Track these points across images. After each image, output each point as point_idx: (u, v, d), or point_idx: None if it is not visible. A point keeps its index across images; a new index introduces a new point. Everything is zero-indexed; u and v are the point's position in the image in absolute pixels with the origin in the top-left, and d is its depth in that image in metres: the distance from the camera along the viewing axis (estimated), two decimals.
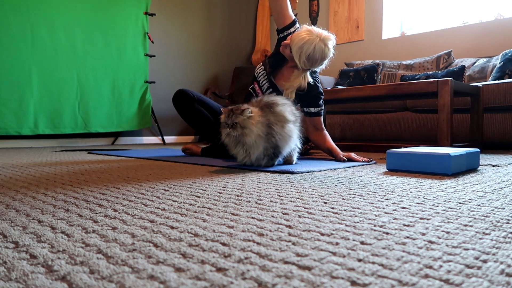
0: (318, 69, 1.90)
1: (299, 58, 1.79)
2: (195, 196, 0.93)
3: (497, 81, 2.69)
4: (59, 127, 3.64)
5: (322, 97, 1.97)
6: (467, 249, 0.51)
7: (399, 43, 4.20)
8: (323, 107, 1.98)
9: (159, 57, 4.52)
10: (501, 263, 0.46)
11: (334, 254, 0.49)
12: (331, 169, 1.50)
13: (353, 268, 0.44)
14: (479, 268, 0.44)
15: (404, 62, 3.77)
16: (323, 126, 2.02)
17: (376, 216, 0.70)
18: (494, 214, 0.72)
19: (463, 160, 1.37)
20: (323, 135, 1.99)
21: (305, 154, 2.26)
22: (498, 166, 1.60)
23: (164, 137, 4.60)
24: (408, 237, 0.57)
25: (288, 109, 1.52)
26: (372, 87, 2.45)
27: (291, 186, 1.08)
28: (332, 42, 1.80)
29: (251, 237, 0.57)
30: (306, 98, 1.92)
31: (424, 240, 0.55)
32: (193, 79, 4.94)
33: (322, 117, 2.01)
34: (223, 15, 5.30)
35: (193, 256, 0.49)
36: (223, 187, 1.07)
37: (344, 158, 1.84)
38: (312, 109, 1.95)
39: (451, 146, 2.13)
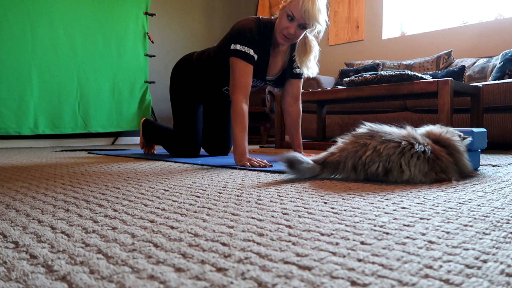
0: (324, 25, 1.70)
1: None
2: (195, 196, 0.93)
3: (497, 81, 2.69)
4: (59, 127, 3.63)
5: None
6: (467, 249, 0.51)
7: (399, 43, 4.20)
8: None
9: (159, 57, 4.52)
10: (501, 263, 0.46)
11: (334, 254, 0.49)
12: None
13: (353, 268, 0.44)
14: (479, 268, 0.44)
15: (404, 62, 3.77)
16: (300, 98, 1.99)
17: (376, 216, 0.70)
18: (494, 214, 0.72)
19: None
20: (298, 121, 1.96)
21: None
22: (498, 166, 1.60)
23: None
24: (408, 237, 0.57)
25: None
26: (372, 87, 2.45)
27: (291, 186, 1.08)
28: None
29: (251, 237, 0.57)
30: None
31: (424, 240, 0.55)
32: None
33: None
34: (223, 15, 5.30)
35: (193, 256, 0.49)
36: (223, 187, 1.07)
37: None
38: (305, 70, 1.86)
39: None
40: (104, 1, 3.86)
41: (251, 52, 1.70)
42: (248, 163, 1.57)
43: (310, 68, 1.84)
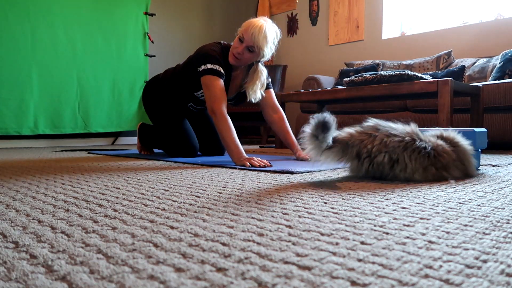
0: (268, 54, 1.86)
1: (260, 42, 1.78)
2: (195, 196, 0.93)
3: (497, 81, 2.69)
4: (59, 127, 3.63)
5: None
6: (467, 249, 0.51)
7: (399, 43, 4.19)
8: (269, 80, 2.08)
9: (159, 57, 4.52)
10: (501, 263, 0.46)
11: (334, 254, 0.49)
12: (331, 169, 1.50)
13: (353, 268, 0.44)
14: (479, 268, 0.44)
15: (404, 62, 3.76)
16: (278, 105, 2.08)
17: (376, 216, 0.70)
18: (494, 214, 0.72)
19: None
20: (284, 124, 2.04)
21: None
22: (498, 166, 1.60)
23: None
24: (408, 237, 0.57)
25: None
26: (372, 87, 2.45)
27: (291, 186, 1.08)
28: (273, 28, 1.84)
29: (251, 237, 0.57)
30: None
31: (424, 240, 0.55)
32: None
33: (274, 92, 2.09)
34: (223, 15, 5.30)
35: (193, 256, 0.49)
36: (223, 187, 1.07)
37: (307, 157, 1.85)
38: (248, 94, 1.97)
39: None
40: (104, 1, 3.86)
41: (221, 69, 1.84)
42: (248, 163, 1.58)
43: (253, 94, 1.96)
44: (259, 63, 1.94)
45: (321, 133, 1.14)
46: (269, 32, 1.80)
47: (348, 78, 2.63)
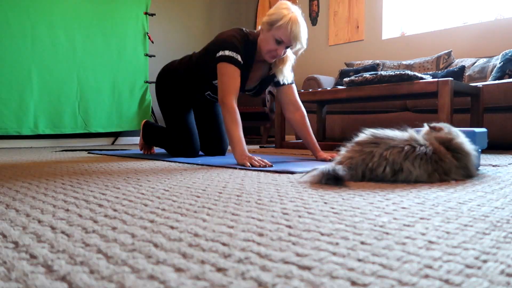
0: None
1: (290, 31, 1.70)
2: (195, 196, 0.93)
3: (497, 81, 2.69)
4: (59, 127, 3.63)
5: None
6: (467, 249, 0.51)
7: (399, 43, 4.19)
8: (293, 74, 2.01)
9: (159, 57, 4.52)
10: (501, 263, 0.46)
11: (334, 254, 0.49)
12: None
13: (353, 268, 0.44)
14: (479, 268, 0.44)
15: (404, 62, 3.76)
16: (300, 102, 2.02)
17: (376, 216, 0.70)
18: (494, 214, 0.72)
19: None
20: (305, 123, 1.99)
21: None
22: (498, 166, 1.60)
23: None
24: (408, 237, 0.57)
25: None
26: (372, 87, 2.45)
27: (291, 186, 1.08)
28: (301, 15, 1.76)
29: (251, 237, 0.57)
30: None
31: (424, 240, 0.55)
32: None
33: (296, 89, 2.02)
34: (223, 15, 5.30)
35: (193, 256, 0.49)
36: (223, 187, 1.07)
37: (329, 157, 1.82)
38: (281, 78, 1.93)
39: None
40: (104, 1, 3.86)
41: (239, 58, 1.76)
42: (249, 163, 1.58)
43: (285, 76, 1.92)
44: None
45: (333, 183, 1.10)
46: (303, 22, 1.73)
47: (348, 78, 2.63)
